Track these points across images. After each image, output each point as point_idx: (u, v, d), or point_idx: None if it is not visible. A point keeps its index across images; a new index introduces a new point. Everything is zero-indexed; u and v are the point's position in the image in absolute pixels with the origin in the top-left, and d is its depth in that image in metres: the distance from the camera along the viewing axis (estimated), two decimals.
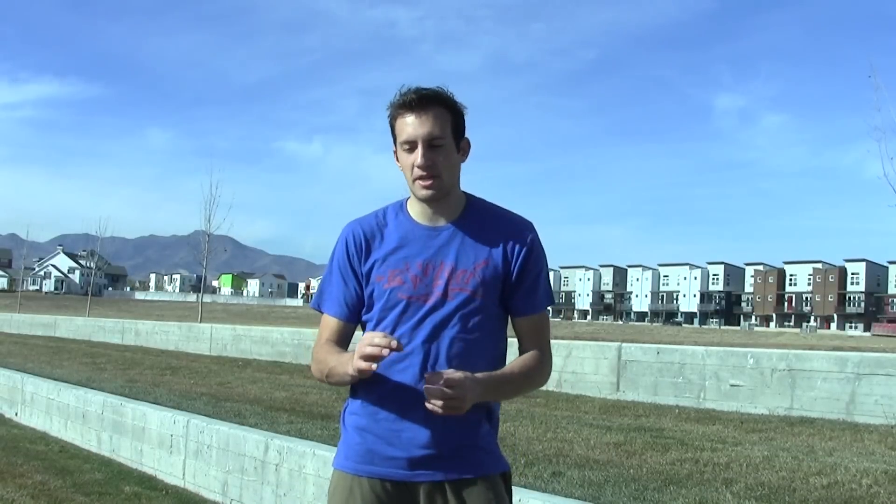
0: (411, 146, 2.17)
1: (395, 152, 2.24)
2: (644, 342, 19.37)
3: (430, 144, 2.15)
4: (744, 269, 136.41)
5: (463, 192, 2.29)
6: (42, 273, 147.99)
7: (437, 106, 2.16)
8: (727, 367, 10.72)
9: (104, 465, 8.17)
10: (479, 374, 2.07)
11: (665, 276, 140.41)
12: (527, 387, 2.27)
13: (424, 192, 2.19)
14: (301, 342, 19.44)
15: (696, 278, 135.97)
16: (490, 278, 2.19)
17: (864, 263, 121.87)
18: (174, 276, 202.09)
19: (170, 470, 7.55)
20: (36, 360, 16.98)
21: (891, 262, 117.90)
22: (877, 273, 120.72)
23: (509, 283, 2.22)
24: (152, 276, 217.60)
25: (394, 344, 1.98)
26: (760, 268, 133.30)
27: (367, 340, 2.01)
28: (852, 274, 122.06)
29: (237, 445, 6.62)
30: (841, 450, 7.09)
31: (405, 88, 2.18)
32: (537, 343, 2.26)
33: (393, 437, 2.16)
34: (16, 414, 11.42)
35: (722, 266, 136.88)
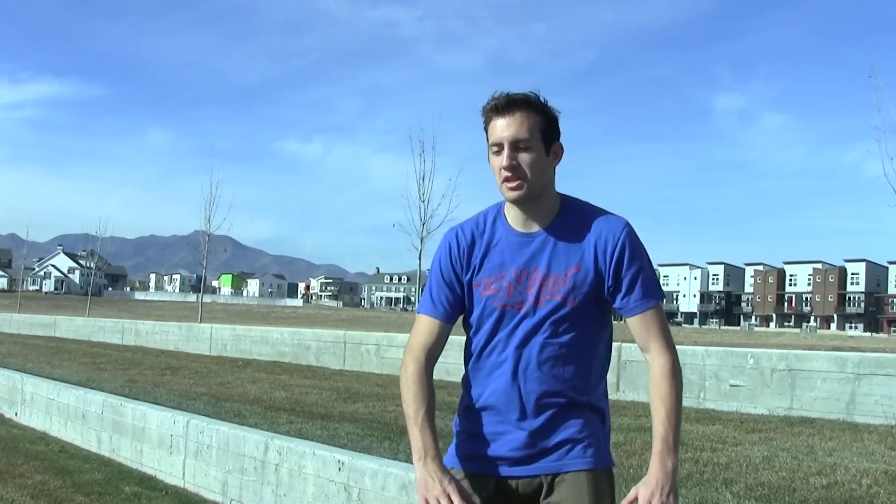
0: (499, 148, 2.22)
1: (489, 157, 2.28)
2: None
3: (516, 146, 2.20)
4: (744, 269, 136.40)
5: (559, 193, 2.31)
6: (42, 273, 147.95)
7: (525, 109, 2.20)
8: (727, 367, 10.71)
9: (104, 465, 8.17)
10: (658, 463, 2.17)
11: (665, 276, 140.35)
12: (680, 410, 2.28)
13: (511, 194, 2.23)
14: (301, 342, 19.44)
15: (696, 278, 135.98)
16: (582, 283, 2.23)
17: (864, 263, 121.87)
18: (174, 276, 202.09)
19: (170, 470, 7.55)
20: (36, 360, 16.98)
21: (891, 262, 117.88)
22: (877, 273, 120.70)
23: (608, 286, 2.25)
24: (152, 276, 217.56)
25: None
26: (760, 268, 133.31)
27: (437, 493, 2.11)
28: (852, 274, 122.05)
29: (237, 445, 6.62)
30: (841, 450, 7.08)
31: (497, 93, 2.24)
32: (650, 340, 2.26)
33: (494, 438, 2.25)
34: (16, 414, 11.42)
35: (722, 266, 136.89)
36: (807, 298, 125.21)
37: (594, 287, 2.23)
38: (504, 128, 2.20)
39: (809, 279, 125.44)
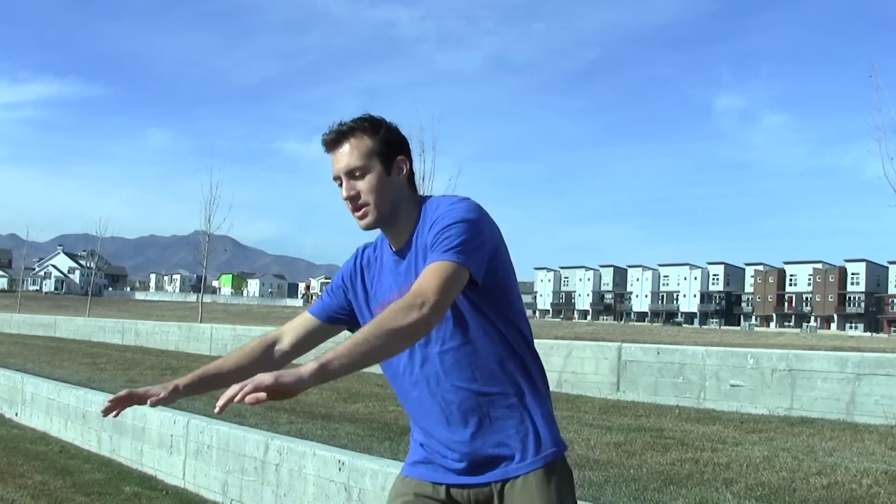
0: (339, 182, 2.23)
1: None
2: (644, 342, 19.37)
3: (352, 175, 2.20)
4: (744, 269, 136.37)
5: (422, 197, 2.27)
6: (42, 273, 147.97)
7: (354, 136, 2.21)
8: (727, 367, 10.71)
9: (104, 466, 8.17)
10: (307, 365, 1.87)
11: (665, 276, 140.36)
12: (384, 339, 1.93)
13: (361, 223, 2.22)
14: None
15: (696, 278, 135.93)
16: None
17: (864, 263, 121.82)
18: (174, 277, 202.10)
19: (170, 470, 7.55)
20: (36, 360, 16.98)
21: (891, 262, 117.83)
22: (877, 273, 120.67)
23: None
24: (152, 277, 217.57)
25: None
26: (760, 268, 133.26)
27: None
28: (852, 274, 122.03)
29: (237, 445, 6.62)
30: (841, 450, 7.08)
31: (328, 128, 2.24)
32: (413, 285, 2.04)
33: (436, 448, 2.25)
34: (16, 414, 11.42)
35: (722, 266, 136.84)
36: (807, 298, 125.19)
37: None
38: (337, 161, 2.21)
39: (809, 279, 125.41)
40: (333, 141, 2.22)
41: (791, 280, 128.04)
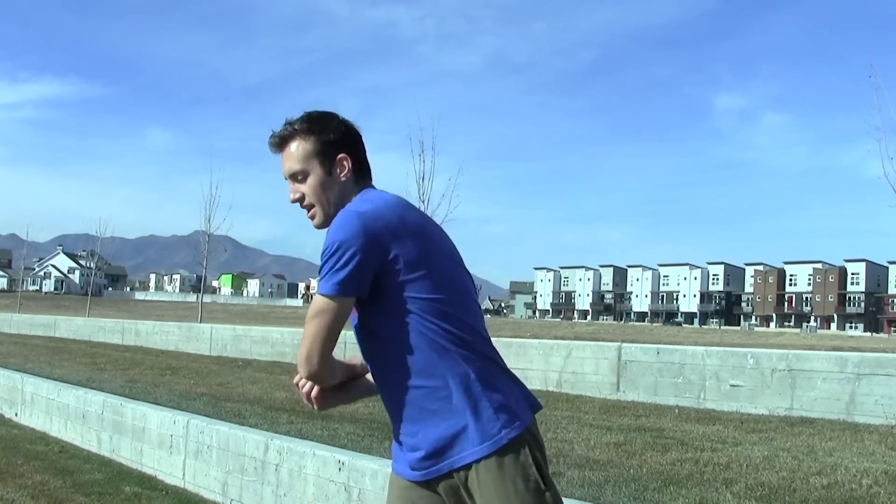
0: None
1: None
2: (644, 342, 19.37)
3: (295, 179, 2.31)
4: (744, 269, 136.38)
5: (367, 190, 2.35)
6: (42, 273, 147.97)
7: (294, 139, 2.30)
8: (727, 367, 10.71)
9: (104, 466, 8.17)
10: None
11: (665, 276, 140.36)
12: None
13: (312, 223, 2.34)
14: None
15: (696, 278, 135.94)
16: None
17: (864, 263, 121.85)
18: (174, 277, 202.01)
19: (170, 470, 7.55)
20: (36, 360, 16.98)
21: (891, 262, 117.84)
22: (877, 273, 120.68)
23: None
24: (152, 277, 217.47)
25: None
26: (760, 268, 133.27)
27: None
28: (852, 274, 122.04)
29: (237, 445, 6.62)
30: (841, 450, 7.08)
31: (272, 131, 2.34)
32: None
33: (398, 445, 2.32)
34: (16, 414, 11.42)
35: (722, 266, 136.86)
36: (807, 298, 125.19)
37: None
38: (282, 164, 2.32)
39: (809, 279, 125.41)
40: (276, 145, 2.33)
41: (791, 280, 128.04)
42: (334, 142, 2.29)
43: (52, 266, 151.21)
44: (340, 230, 2.15)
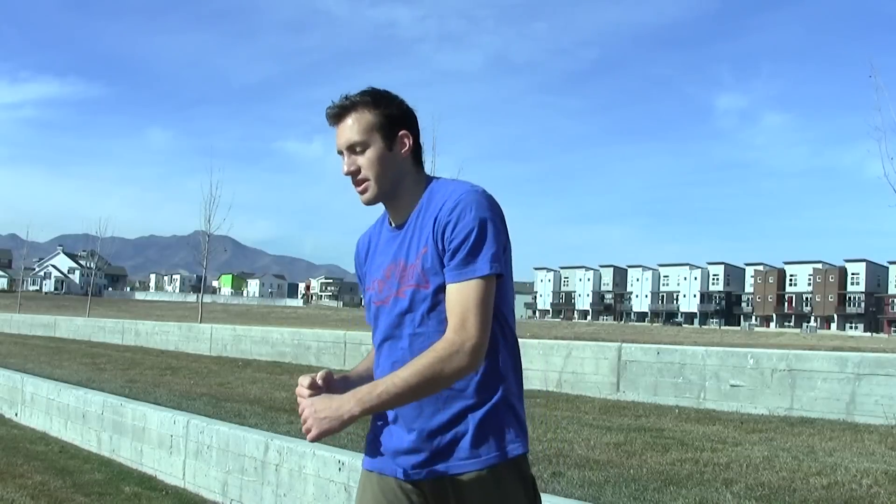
0: (342, 157, 2.22)
1: None
2: (644, 342, 19.37)
3: (353, 150, 2.18)
4: (744, 270, 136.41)
5: (429, 177, 2.24)
6: (42, 273, 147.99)
7: (356, 111, 2.18)
8: (727, 367, 10.71)
9: (104, 466, 8.17)
10: (352, 393, 2.04)
11: (665, 276, 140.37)
12: (426, 387, 2.03)
13: (362, 198, 2.21)
14: (301, 342, 19.44)
15: (696, 278, 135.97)
16: (431, 264, 2.10)
17: (864, 263, 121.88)
18: (174, 277, 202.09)
19: (170, 470, 7.55)
20: (36, 360, 16.98)
21: (891, 262, 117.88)
22: (877, 273, 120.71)
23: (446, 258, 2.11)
24: (152, 277, 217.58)
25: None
26: (760, 268, 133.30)
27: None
28: (852, 274, 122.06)
29: (237, 446, 6.62)
30: (841, 450, 7.08)
31: (332, 101, 2.22)
32: (451, 315, 2.04)
33: (388, 438, 2.25)
34: (16, 414, 11.42)
35: (722, 266, 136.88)
36: (807, 298, 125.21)
37: (441, 264, 2.09)
38: (338, 136, 2.20)
39: (810, 279, 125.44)
40: (336, 115, 2.20)
41: (791, 280, 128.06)
42: (397, 117, 2.20)
43: (52, 266, 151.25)
44: (488, 209, 2.07)
